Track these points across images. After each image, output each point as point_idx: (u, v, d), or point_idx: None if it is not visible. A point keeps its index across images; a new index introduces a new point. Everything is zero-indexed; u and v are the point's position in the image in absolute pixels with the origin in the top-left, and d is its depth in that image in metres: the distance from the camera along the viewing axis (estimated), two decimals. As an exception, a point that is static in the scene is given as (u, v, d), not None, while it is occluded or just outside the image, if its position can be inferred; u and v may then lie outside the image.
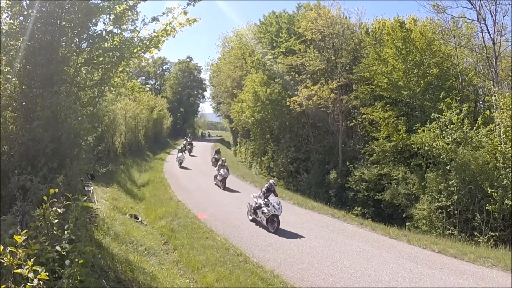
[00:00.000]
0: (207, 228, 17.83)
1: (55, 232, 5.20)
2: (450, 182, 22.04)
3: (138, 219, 18.56)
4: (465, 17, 26.94)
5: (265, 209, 18.27)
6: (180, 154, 40.37)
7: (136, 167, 37.34)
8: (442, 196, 22.52)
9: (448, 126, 22.43)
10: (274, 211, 17.84)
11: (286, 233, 17.42)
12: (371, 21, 37.31)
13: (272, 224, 17.89)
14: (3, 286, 3.43)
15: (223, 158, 32.46)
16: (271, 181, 19.96)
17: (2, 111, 10.08)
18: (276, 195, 19.02)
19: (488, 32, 25.08)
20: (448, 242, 17.94)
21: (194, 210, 21.10)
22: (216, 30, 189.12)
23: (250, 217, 19.66)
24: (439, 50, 28.07)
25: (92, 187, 17.89)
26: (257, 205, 18.98)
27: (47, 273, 3.95)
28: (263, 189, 19.31)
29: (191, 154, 41.89)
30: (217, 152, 35.09)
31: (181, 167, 38.58)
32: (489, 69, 25.61)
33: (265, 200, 18.55)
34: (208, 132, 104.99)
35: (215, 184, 29.16)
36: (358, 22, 37.22)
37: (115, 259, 10.74)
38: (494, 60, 24.51)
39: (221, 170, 28.99)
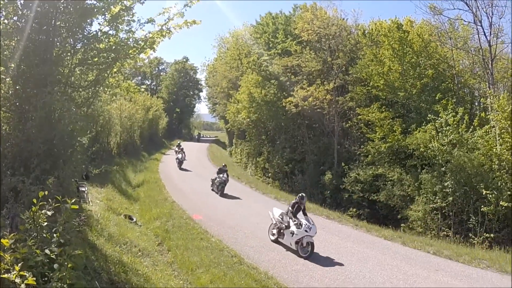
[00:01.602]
0: (202, 229, 17.80)
1: (44, 235, 5.16)
2: (445, 184, 22.07)
3: (132, 219, 18.50)
4: (462, 19, 27.23)
5: (295, 230, 15.20)
6: (180, 155, 38.96)
7: (131, 167, 37.19)
8: (437, 197, 22.55)
9: (444, 128, 22.47)
10: (307, 233, 14.91)
11: (281, 235, 17.40)
12: (367, 22, 37.30)
13: (304, 248, 14.90)
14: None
15: (224, 163, 30.72)
16: (300, 195, 16.29)
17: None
18: (305, 213, 15.87)
19: (484, 34, 25.24)
20: (443, 243, 17.99)
21: (188, 211, 21.03)
22: (212, 30, 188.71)
23: (272, 237, 16.59)
24: (436, 51, 28.18)
25: (86, 188, 17.83)
26: (283, 225, 15.99)
27: (34, 278, 3.90)
28: (290, 206, 16.09)
29: (182, 167, 38.98)
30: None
31: (180, 168, 37.68)
32: (485, 71, 25.73)
33: (294, 219, 15.52)
34: (200, 133, 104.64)
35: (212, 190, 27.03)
36: (354, 23, 37.32)
37: (109, 261, 10.69)
38: (490, 62, 24.61)
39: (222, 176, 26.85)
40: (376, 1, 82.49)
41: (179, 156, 38.94)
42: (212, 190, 27.13)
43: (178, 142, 47.85)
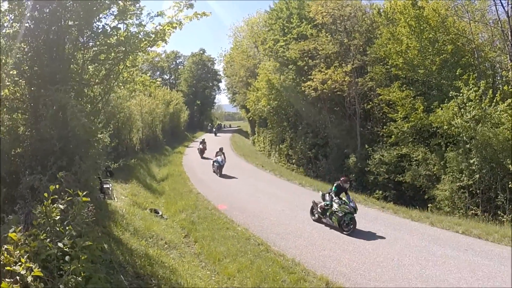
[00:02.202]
0: (228, 219, 17.81)
1: (57, 229, 5.16)
2: (471, 161, 21.62)
3: (158, 213, 18.59)
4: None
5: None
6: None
7: (155, 161, 37.51)
8: (463, 175, 22.11)
9: (466, 104, 21.98)
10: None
11: (306, 220, 17.32)
12: (382, 1, 36.76)
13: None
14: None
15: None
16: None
17: (12, 114, 10.14)
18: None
19: (502, 5, 24.54)
20: (472, 222, 17.57)
21: (213, 202, 21.08)
22: (227, 20, 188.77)
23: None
24: (453, 26, 27.42)
25: (111, 184, 17.95)
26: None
27: (40, 270, 3.89)
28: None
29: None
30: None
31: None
32: (505, 43, 25.07)
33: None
34: (224, 124, 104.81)
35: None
36: (369, 2, 36.88)
37: (134, 254, 10.73)
38: (510, 34, 23.96)
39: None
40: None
41: (219, 158, 30.66)
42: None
43: (203, 138, 47.73)
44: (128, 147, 33.62)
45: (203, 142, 43.10)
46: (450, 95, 22.98)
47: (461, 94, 22.32)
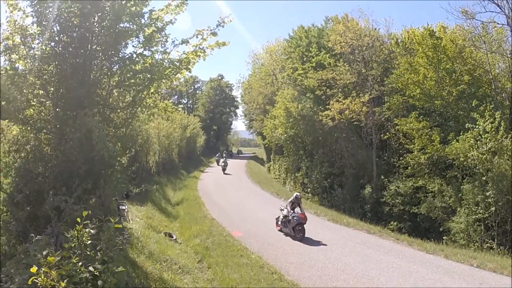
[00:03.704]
0: (242, 246, 17.75)
1: (88, 253, 5.29)
2: (487, 194, 21.41)
3: (172, 237, 18.66)
4: (495, 21, 26.40)
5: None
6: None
7: (170, 185, 37.67)
8: (479, 208, 21.89)
9: (482, 136, 21.91)
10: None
11: (320, 250, 17.24)
12: (399, 31, 36.85)
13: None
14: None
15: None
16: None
17: (37, 134, 10.38)
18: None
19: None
20: (487, 255, 17.38)
21: (228, 228, 21.09)
22: (246, 47, 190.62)
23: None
24: (470, 57, 27.46)
25: (126, 206, 18.09)
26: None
27: (78, 293, 4.02)
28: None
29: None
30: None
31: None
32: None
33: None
34: (240, 150, 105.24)
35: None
36: (386, 33, 36.89)
37: (149, 278, 10.83)
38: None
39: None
40: (406, 5, 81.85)
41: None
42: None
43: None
44: (144, 169, 33.87)
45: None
46: (467, 127, 22.92)
47: (477, 126, 22.26)
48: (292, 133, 41.91)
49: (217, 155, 62.81)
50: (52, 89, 10.74)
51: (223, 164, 50.71)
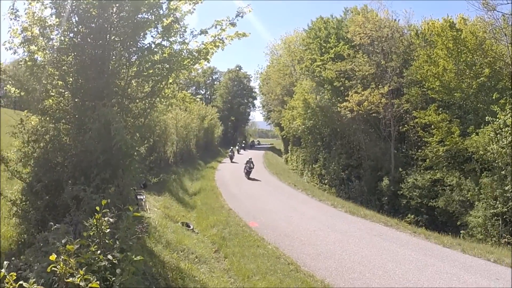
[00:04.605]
0: (258, 236, 17.84)
1: (107, 241, 5.36)
2: (506, 188, 21.13)
3: (189, 227, 18.78)
4: (516, 13, 25.96)
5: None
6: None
7: (188, 175, 37.88)
8: (497, 202, 21.64)
9: (503, 129, 21.64)
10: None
11: (337, 242, 17.23)
12: (419, 22, 36.41)
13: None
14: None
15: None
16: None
17: (56, 124, 10.49)
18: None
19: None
20: (504, 251, 17.16)
21: (245, 218, 21.19)
22: (265, 38, 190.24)
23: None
24: (491, 49, 26.99)
25: (144, 196, 18.22)
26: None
27: (98, 282, 4.06)
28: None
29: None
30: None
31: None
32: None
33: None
34: (258, 141, 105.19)
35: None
36: (406, 24, 36.47)
37: (166, 267, 10.92)
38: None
39: None
40: (427, 0, 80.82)
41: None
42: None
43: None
44: (162, 159, 34.09)
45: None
46: (487, 120, 22.64)
47: (497, 119, 21.98)
48: (310, 124, 41.81)
49: (230, 149, 61.05)
50: (70, 79, 10.81)
51: (231, 153, 55.14)
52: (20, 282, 4.06)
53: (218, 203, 25.57)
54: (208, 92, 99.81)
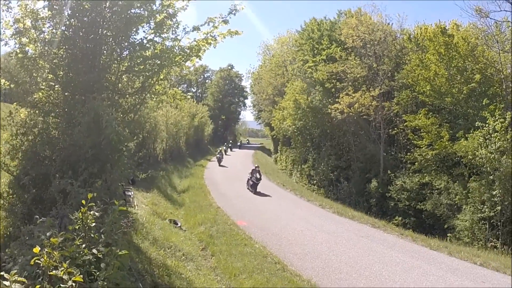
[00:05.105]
0: (246, 235, 17.87)
1: (92, 235, 5.32)
2: (494, 193, 21.30)
3: (177, 224, 18.76)
4: (509, 21, 26.12)
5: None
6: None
7: (177, 173, 37.83)
8: (485, 206, 21.79)
9: (492, 135, 21.79)
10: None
11: (325, 242, 17.28)
12: (412, 27, 36.59)
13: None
14: (37, 287, 3.53)
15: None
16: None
17: (45, 117, 10.41)
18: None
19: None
20: (491, 254, 17.38)
21: (233, 217, 21.18)
22: (257, 37, 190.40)
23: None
24: (482, 55, 27.19)
25: (132, 192, 18.16)
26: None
27: (81, 276, 4.03)
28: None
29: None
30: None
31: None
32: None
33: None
34: (248, 140, 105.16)
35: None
36: (399, 28, 36.69)
37: (153, 263, 10.89)
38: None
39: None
40: (421, 3, 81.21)
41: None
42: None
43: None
44: (151, 156, 34.00)
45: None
46: (476, 125, 22.80)
47: (487, 125, 22.14)
48: (300, 125, 41.87)
49: (219, 151, 54.34)
50: (61, 73, 10.73)
51: (219, 155, 49.29)
52: (2, 273, 4.02)
53: (207, 201, 25.55)
54: (199, 90, 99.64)
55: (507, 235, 20.90)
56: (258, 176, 30.33)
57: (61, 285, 4.03)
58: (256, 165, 33.84)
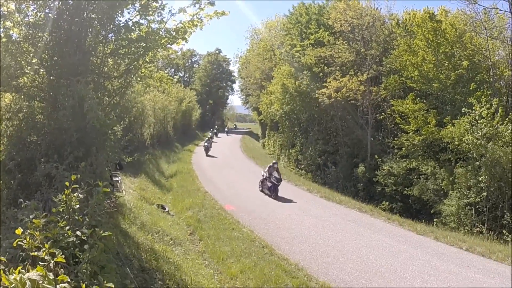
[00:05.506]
0: (234, 219, 17.89)
1: (76, 217, 5.26)
2: (480, 178, 21.44)
3: (165, 209, 18.74)
4: (497, 8, 26.15)
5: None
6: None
7: (165, 158, 37.74)
8: (471, 192, 21.98)
9: (478, 121, 21.90)
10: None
11: (312, 226, 17.34)
12: (401, 12, 36.61)
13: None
14: (19, 268, 3.49)
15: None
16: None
17: (30, 102, 10.29)
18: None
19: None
20: (476, 240, 17.59)
21: (221, 202, 21.19)
22: (245, 21, 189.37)
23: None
24: (470, 42, 27.27)
25: (120, 177, 18.09)
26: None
27: (63, 256, 3.98)
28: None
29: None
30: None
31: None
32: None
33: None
34: (235, 125, 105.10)
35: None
36: (388, 13, 36.62)
37: (140, 248, 10.87)
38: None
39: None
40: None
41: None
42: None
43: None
44: (139, 141, 33.86)
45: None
46: (463, 111, 22.88)
47: (473, 111, 22.24)
48: (288, 109, 41.84)
49: (206, 139, 50.34)
50: (46, 57, 10.58)
51: (207, 144, 44.34)
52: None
53: (194, 185, 25.53)
54: (187, 75, 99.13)
55: (493, 220, 21.11)
56: (277, 175, 23.64)
57: (40, 262, 3.99)
58: (274, 161, 26.65)
